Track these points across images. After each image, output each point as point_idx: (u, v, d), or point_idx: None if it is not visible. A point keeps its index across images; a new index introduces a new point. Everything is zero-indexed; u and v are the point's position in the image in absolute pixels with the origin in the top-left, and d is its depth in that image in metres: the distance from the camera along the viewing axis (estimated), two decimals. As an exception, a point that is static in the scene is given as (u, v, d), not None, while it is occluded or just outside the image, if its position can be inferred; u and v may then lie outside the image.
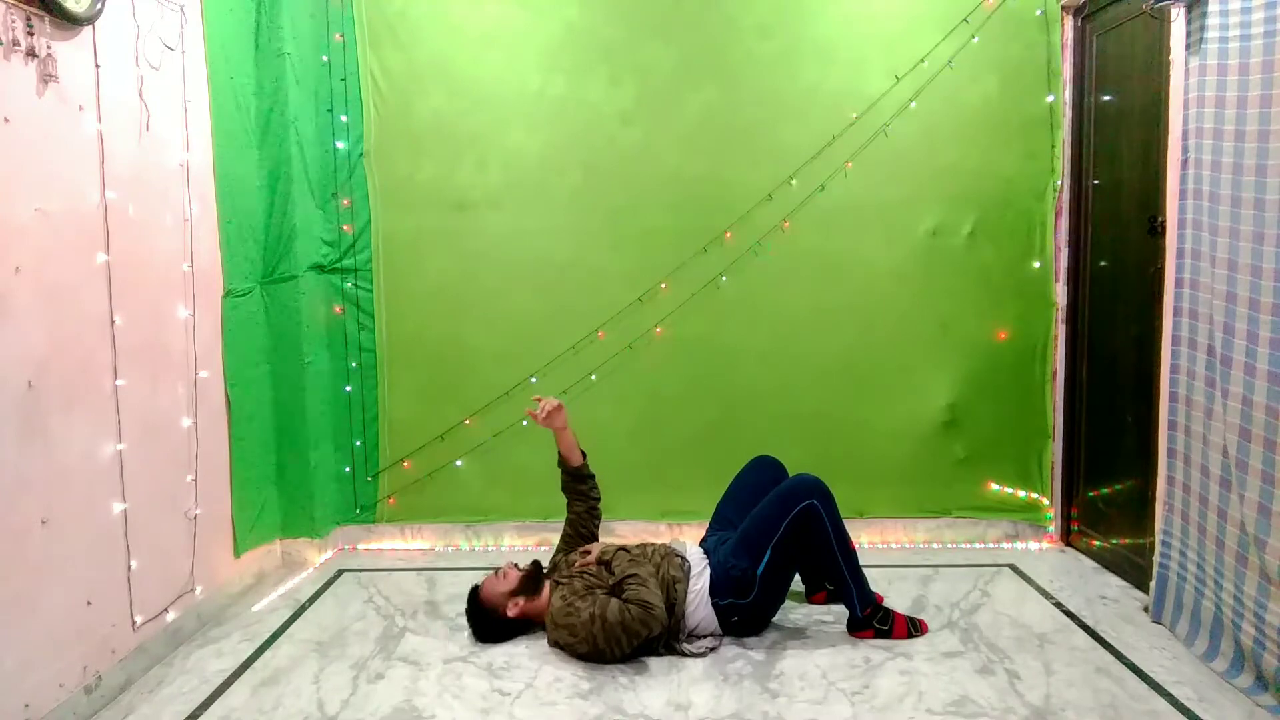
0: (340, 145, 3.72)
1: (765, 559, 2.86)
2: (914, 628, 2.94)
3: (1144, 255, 3.16)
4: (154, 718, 2.52)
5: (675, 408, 3.83)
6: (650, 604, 2.73)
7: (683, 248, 3.74)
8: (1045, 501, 3.83)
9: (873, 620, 2.92)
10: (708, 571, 2.94)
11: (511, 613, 2.91)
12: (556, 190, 3.77)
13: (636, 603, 2.74)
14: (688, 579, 2.92)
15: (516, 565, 3.02)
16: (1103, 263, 3.54)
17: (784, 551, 2.87)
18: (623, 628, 2.71)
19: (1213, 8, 2.56)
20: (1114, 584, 3.35)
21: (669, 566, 2.93)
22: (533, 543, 3.90)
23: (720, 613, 2.90)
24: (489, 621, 2.94)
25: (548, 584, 2.99)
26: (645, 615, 2.72)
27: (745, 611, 2.90)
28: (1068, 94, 3.68)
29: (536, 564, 3.02)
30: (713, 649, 2.85)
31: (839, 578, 2.91)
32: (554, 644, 2.89)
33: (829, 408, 3.80)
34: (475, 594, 2.99)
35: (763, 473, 3.25)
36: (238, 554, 3.37)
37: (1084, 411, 3.69)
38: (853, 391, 3.82)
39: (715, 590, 2.90)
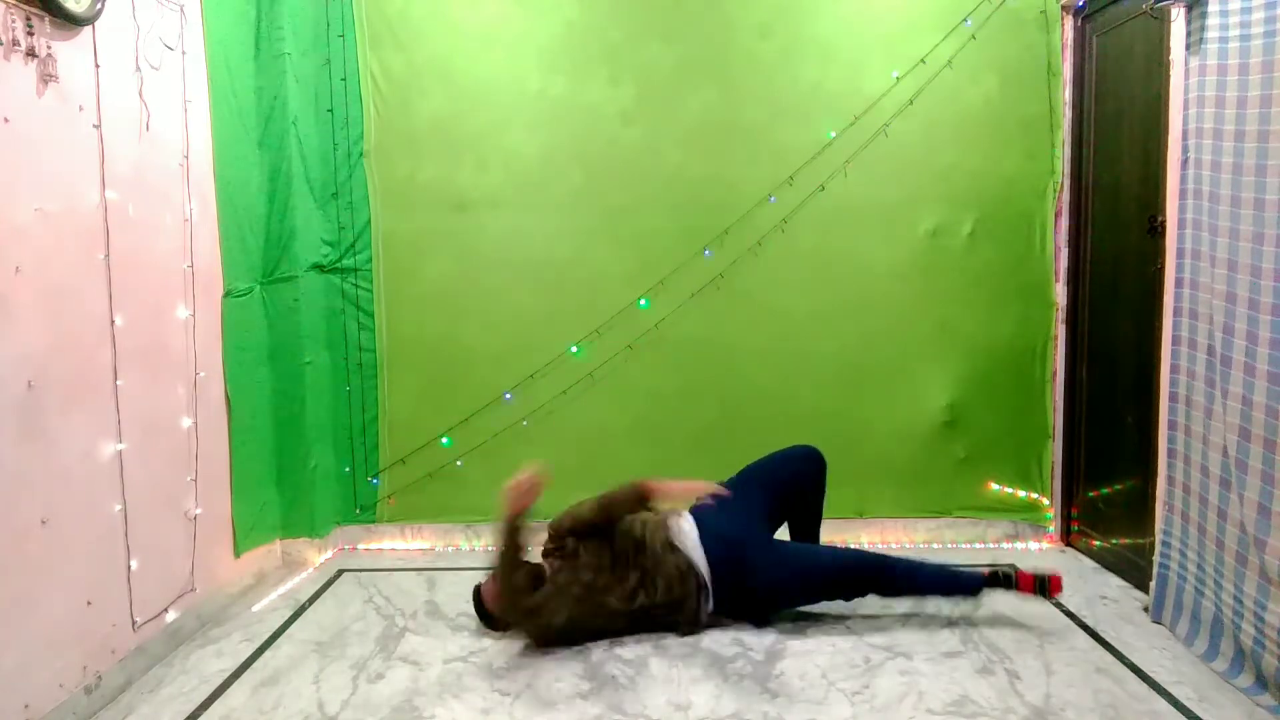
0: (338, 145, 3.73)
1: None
2: (1041, 587, 2.93)
3: (1144, 255, 3.16)
4: (154, 718, 2.52)
5: (675, 408, 3.82)
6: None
7: (683, 248, 3.74)
8: (1045, 501, 3.83)
9: (996, 580, 2.96)
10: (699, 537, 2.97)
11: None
12: (556, 190, 3.77)
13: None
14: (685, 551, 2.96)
15: None
16: (1103, 263, 3.54)
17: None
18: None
19: (1213, 8, 2.56)
20: (1114, 584, 3.35)
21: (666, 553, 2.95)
22: (532, 542, 3.88)
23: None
24: (494, 622, 3.01)
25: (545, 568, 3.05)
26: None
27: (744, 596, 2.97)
28: (1068, 94, 3.68)
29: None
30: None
31: (937, 594, 3.02)
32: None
33: (829, 408, 3.80)
34: (479, 597, 3.03)
35: (809, 465, 3.23)
36: (238, 554, 3.37)
37: (1084, 411, 3.69)
38: (853, 391, 3.82)
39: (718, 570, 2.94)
